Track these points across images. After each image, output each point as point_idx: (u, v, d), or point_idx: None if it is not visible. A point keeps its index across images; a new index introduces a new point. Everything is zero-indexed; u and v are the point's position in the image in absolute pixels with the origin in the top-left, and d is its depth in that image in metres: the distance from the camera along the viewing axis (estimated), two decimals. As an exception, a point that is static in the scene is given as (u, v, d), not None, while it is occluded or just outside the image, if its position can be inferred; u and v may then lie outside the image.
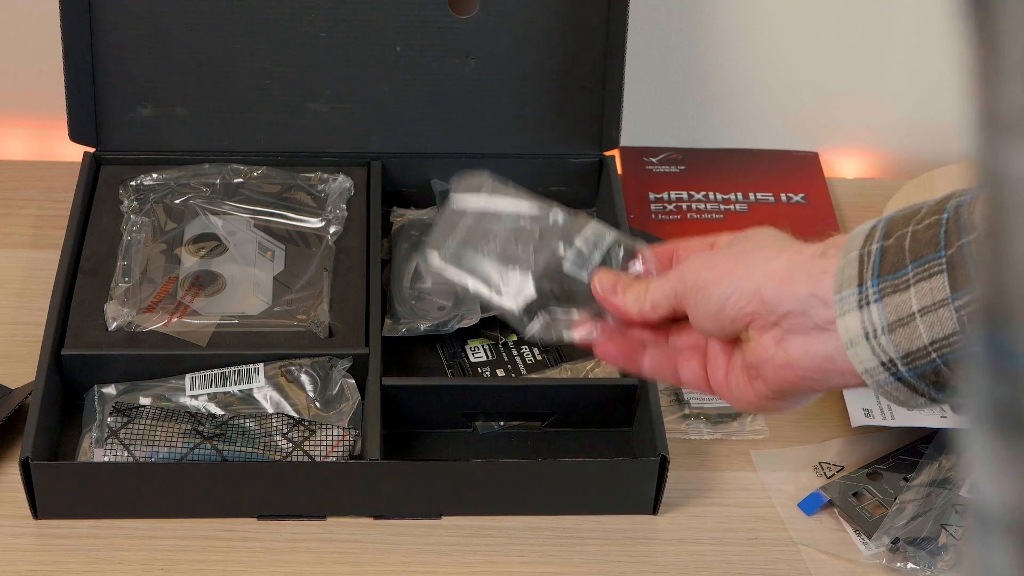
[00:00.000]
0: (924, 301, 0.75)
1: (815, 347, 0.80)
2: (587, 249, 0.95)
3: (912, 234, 0.77)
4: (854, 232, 0.80)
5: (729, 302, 0.83)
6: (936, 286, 0.75)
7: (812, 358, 0.81)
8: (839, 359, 0.79)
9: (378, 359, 1.11)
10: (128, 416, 1.07)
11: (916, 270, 0.76)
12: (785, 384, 0.83)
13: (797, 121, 1.41)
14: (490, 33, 1.26)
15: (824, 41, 1.38)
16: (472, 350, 1.18)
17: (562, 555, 1.06)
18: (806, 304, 0.80)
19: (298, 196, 1.24)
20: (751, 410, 0.87)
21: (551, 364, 1.17)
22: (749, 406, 0.87)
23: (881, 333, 0.77)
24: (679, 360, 0.91)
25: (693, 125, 1.41)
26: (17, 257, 1.26)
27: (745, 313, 0.82)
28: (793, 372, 0.82)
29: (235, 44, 1.25)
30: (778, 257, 0.82)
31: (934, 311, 0.75)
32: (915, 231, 0.77)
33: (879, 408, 1.13)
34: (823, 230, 1.30)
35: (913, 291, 0.76)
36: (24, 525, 1.05)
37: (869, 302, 0.77)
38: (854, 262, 0.78)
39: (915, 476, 1.11)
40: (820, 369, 0.81)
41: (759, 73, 1.39)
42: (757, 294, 0.82)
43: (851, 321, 0.78)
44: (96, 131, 1.26)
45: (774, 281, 0.81)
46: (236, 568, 1.03)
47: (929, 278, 0.75)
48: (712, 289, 0.84)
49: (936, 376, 0.77)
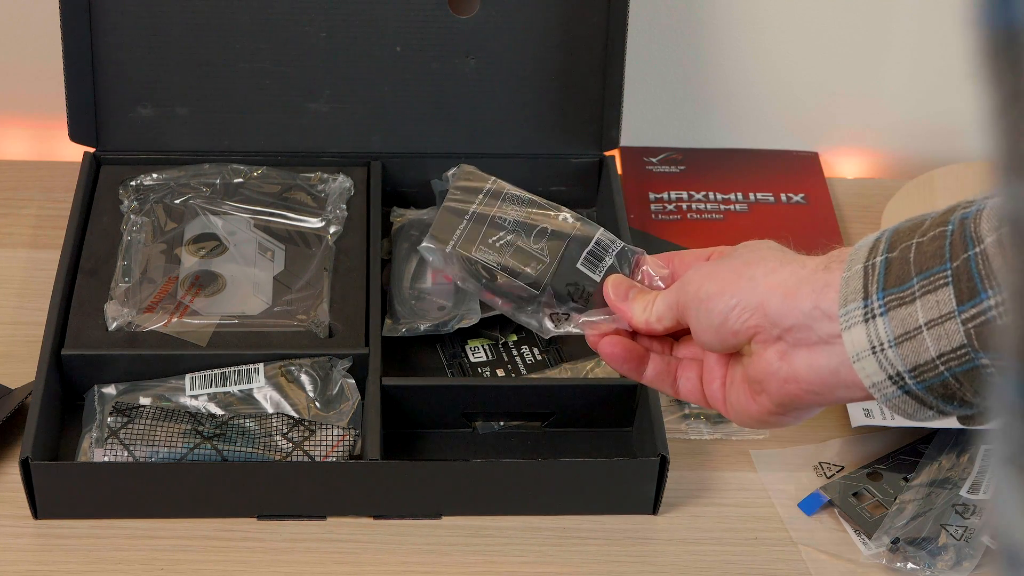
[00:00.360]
0: (931, 314, 0.75)
1: (820, 361, 0.80)
2: (599, 251, 0.96)
3: (917, 246, 0.76)
4: (858, 244, 0.80)
5: (732, 315, 0.82)
6: (942, 299, 0.74)
7: (817, 372, 0.80)
8: (844, 372, 0.79)
9: (378, 359, 1.11)
10: (128, 416, 1.07)
11: (922, 283, 0.75)
12: (789, 398, 0.83)
13: (797, 121, 1.41)
14: (490, 33, 1.26)
15: (824, 41, 1.38)
16: (472, 350, 1.18)
17: (562, 555, 1.06)
18: (810, 318, 0.79)
19: (298, 196, 1.24)
20: (751, 424, 0.87)
21: (551, 364, 1.17)
22: (750, 420, 0.86)
23: (888, 347, 0.77)
24: (679, 371, 0.91)
25: (693, 125, 1.41)
26: (17, 257, 1.26)
27: (748, 326, 0.82)
28: (798, 386, 0.81)
29: (235, 44, 1.25)
30: (780, 270, 0.82)
31: (941, 324, 0.75)
32: (920, 243, 0.76)
33: (879, 408, 1.13)
34: (823, 230, 1.31)
35: (919, 304, 0.75)
36: (24, 525, 1.05)
37: (875, 315, 0.77)
38: (858, 275, 0.78)
39: (915, 476, 1.11)
40: (825, 383, 0.80)
41: (759, 73, 1.39)
42: (760, 307, 0.81)
43: (857, 335, 0.77)
44: (96, 131, 1.26)
45: (778, 295, 0.81)
46: (236, 568, 1.03)
47: (935, 291, 0.75)
48: (714, 301, 0.83)
49: (944, 389, 0.76)
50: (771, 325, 0.81)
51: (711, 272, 0.85)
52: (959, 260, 0.74)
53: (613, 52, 1.25)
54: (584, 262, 0.95)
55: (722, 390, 0.88)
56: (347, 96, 1.27)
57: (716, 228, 1.32)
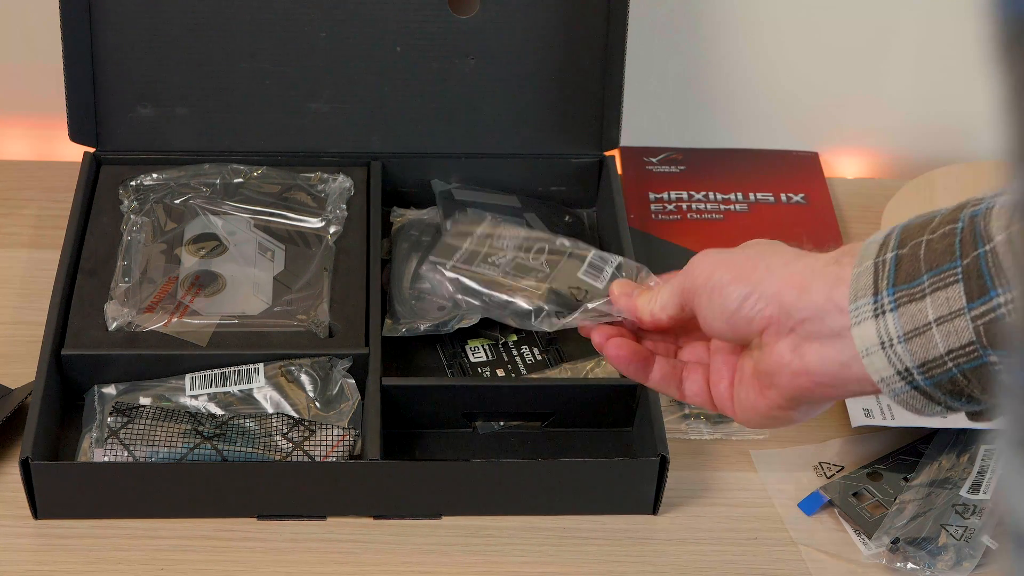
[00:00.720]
0: (940, 311, 0.75)
1: (831, 354, 0.80)
2: (599, 261, 0.97)
3: (927, 243, 0.77)
4: (868, 240, 0.80)
5: (747, 303, 0.83)
6: (952, 296, 0.75)
7: (828, 365, 0.81)
8: (855, 366, 0.79)
9: (378, 359, 1.11)
10: (128, 416, 1.07)
11: (932, 279, 0.76)
12: (800, 391, 0.83)
13: (797, 121, 1.41)
14: (490, 33, 1.26)
15: (824, 41, 1.38)
16: (472, 350, 1.18)
17: (562, 555, 1.06)
18: (823, 311, 0.80)
19: (298, 196, 1.24)
20: (757, 422, 0.87)
21: (551, 364, 1.17)
22: (758, 417, 0.87)
23: (897, 342, 0.77)
24: (684, 374, 0.91)
25: (693, 125, 1.41)
26: (17, 257, 1.26)
27: (763, 316, 0.82)
28: (809, 379, 0.82)
29: (235, 44, 1.25)
30: (796, 262, 0.82)
31: (950, 321, 0.75)
32: (930, 240, 0.77)
33: (879, 408, 1.13)
34: (823, 230, 1.31)
35: (929, 300, 0.76)
36: (24, 525, 1.05)
37: (884, 311, 0.77)
38: (869, 271, 0.78)
39: (915, 476, 1.11)
40: (836, 376, 0.81)
41: (759, 73, 1.39)
42: (776, 297, 0.82)
43: (866, 330, 0.78)
44: (96, 131, 1.26)
45: (793, 286, 0.81)
46: (236, 568, 1.03)
47: (945, 288, 0.75)
48: (729, 288, 0.84)
49: (952, 385, 0.77)
50: (785, 317, 0.81)
51: (723, 260, 0.85)
52: (969, 258, 0.74)
53: (613, 52, 1.25)
54: (586, 272, 0.97)
55: (730, 390, 0.88)
56: (347, 96, 1.27)
57: (716, 228, 1.32)
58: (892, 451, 1.14)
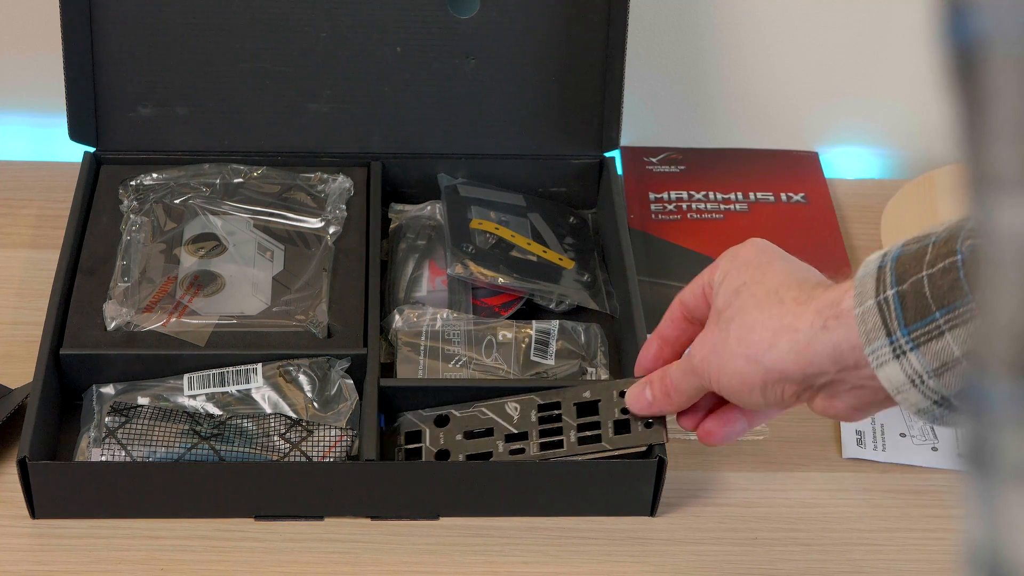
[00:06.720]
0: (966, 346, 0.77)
1: (866, 398, 0.84)
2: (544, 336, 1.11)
3: (929, 279, 0.78)
4: (858, 277, 0.82)
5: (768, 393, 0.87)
6: None
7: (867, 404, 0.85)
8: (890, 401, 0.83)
9: (376, 360, 1.11)
10: (126, 416, 1.07)
11: (946, 317, 0.78)
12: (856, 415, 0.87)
13: (797, 121, 1.41)
14: (490, 33, 1.26)
15: (824, 41, 1.38)
16: (471, 350, 1.17)
17: (562, 555, 1.06)
18: (840, 375, 0.84)
19: (298, 196, 1.24)
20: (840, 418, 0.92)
21: (550, 364, 1.17)
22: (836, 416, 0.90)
23: (927, 378, 0.79)
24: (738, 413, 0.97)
25: (693, 125, 1.41)
26: (17, 257, 1.26)
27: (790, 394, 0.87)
28: (859, 413, 0.86)
29: (235, 44, 1.25)
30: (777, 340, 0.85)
31: None
32: (931, 276, 0.78)
33: (872, 440, 1.13)
34: (823, 230, 1.30)
35: (950, 337, 0.78)
36: (22, 525, 1.05)
37: (904, 351, 0.79)
38: (872, 312, 0.80)
39: None
40: (880, 405, 0.85)
41: (759, 73, 1.39)
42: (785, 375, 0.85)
43: (892, 371, 0.80)
44: (96, 131, 1.26)
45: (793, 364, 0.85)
46: (235, 568, 1.03)
47: (964, 324, 0.77)
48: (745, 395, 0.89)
49: None
50: (805, 383, 0.86)
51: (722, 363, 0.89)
52: None
53: (613, 52, 1.25)
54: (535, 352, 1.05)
55: None
56: (347, 96, 1.27)
57: (716, 228, 1.32)
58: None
